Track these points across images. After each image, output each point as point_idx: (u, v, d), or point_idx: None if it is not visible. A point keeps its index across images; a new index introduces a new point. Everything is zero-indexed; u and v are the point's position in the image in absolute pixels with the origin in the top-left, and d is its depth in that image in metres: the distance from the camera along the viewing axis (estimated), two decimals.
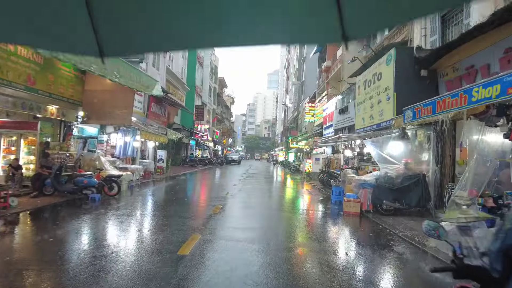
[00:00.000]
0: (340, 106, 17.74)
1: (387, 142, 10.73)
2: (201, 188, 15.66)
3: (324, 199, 13.09)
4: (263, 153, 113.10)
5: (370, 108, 12.53)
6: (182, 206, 10.00)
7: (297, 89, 47.85)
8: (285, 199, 12.88)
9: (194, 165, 32.15)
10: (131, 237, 6.08)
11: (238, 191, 13.78)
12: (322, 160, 22.28)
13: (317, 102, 28.18)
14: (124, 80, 10.01)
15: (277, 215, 9.16)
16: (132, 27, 1.36)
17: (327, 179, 16.58)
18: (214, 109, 51.44)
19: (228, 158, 50.97)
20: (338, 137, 11.11)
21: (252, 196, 12.56)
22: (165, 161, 21.75)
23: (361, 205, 9.94)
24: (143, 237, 6.07)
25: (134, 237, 6.06)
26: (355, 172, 13.75)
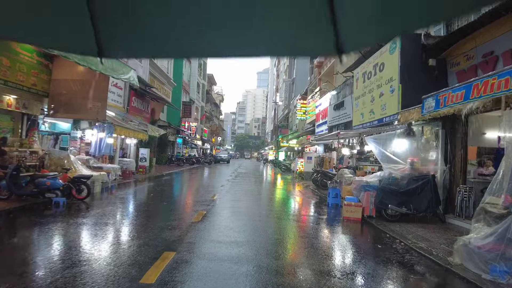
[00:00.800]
0: (335, 101, 16.67)
1: (390, 139, 9.67)
2: (185, 190, 14.37)
3: (319, 201, 11.98)
4: (253, 152, 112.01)
5: (370, 102, 11.46)
6: (160, 212, 8.73)
7: (288, 86, 46.77)
8: (277, 202, 11.71)
9: (181, 164, 30.74)
10: (85, 256, 4.80)
11: (226, 193, 12.56)
12: (314, 159, 21.22)
13: (309, 98, 27.12)
14: (94, 65, 8.68)
15: (269, 224, 7.98)
16: (134, 31, 1.38)
17: (321, 179, 15.50)
18: (202, 107, 49.97)
19: (217, 157, 49.63)
20: (337, 133, 10.00)
21: (240, 200, 11.36)
22: (148, 160, 20.36)
23: (363, 210, 8.84)
24: (101, 257, 4.80)
25: (89, 257, 4.79)
26: (352, 172, 12.71)
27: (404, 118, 8.62)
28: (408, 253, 5.87)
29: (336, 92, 17.00)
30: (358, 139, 11.25)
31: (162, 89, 28.06)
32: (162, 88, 28.20)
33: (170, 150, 34.91)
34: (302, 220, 8.56)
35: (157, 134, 17.72)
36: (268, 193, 14.37)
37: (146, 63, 21.09)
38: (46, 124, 14.04)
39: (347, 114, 14.20)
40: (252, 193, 13.30)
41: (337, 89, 16.86)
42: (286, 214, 9.23)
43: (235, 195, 12.18)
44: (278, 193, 14.33)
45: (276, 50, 1.46)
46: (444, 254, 5.67)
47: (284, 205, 10.84)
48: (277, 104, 61.19)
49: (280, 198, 12.37)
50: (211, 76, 60.31)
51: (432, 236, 7.07)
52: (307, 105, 27.38)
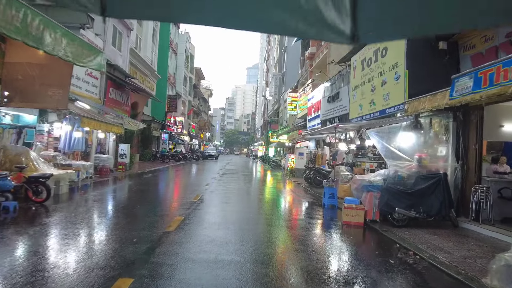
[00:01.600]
0: (329, 93, 15.54)
1: (395, 133, 8.57)
2: (165, 190, 13.06)
3: (313, 202, 10.85)
4: (242, 148, 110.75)
5: (370, 92, 10.34)
6: (129, 218, 7.44)
7: (278, 80, 45.58)
8: (267, 204, 10.53)
9: (166, 161, 29.30)
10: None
11: (210, 193, 11.32)
12: (306, 155, 20.12)
13: (300, 91, 25.97)
14: (55, 49, 7.27)
15: (258, 233, 6.79)
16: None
17: (314, 177, 14.41)
18: (189, 101, 48.39)
19: (205, 153, 48.22)
20: (335, 126, 8.82)
21: (226, 201, 10.15)
22: (128, 156, 18.92)
23: (366, 213, 7.74)
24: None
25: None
26: (349, 170, 11.62)
27: (412, 108, 7.50)
28: (428, 271, 4.76)
29: (330, 84, 15.86)
30: (358, 133, 10.12)
31: (145, 81, 26.56)
32: (146, 80, 26.68)
33: (155, 146, 33.39)
34: (296, 226, 7.40)
35: (135, 128, 16.30)
36: (257, 192, 13.18)
37: (126, 52, 19.57)
38: (8, 117, 12.53)
39: (343, 106, 13.09)
40: (240, 193, 12.10)
41: (331, 80, 15.73)
42: (277, 219, 8.05)
43: (221, 196, 10.95)
44: (268, 192, 13.16)
45: (288, 28, 1.35)
46: (475, 273, 4.58)
47: (275, 208, 9.66)
48: (267, 99, 59.95)
49: (270, 199, 11.19)
50: (199, 70, 58.62)
51: (450, 246, 5.98)
52: (298, 98, 26.23)
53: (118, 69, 17.75)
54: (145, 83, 26.54)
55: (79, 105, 12.80)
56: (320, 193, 12.57)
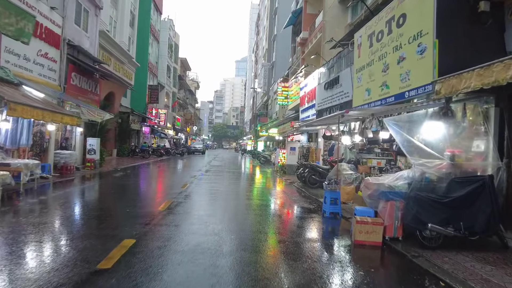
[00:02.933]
0: (326, 79, 13.54)
1: (419, 122, 6.62)
2: (133, 192, 10.91)
3: (310, 209, 8.88)
4: (231, 142, 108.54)
5: (381, 73, 8.36)
6: (60, 241, 5.32)
7: (267, 71, 43.43)
8: (254, 211, 8.49)
9: (146, 156, 27.01)
10: None
11: (185, 198, 9.24)
12: (299, 150, 18.17)
13: (291, 80, 23.92)
14: None
15: (242, 259, 4.77)
16: None
17: (310, 175, 12.45)
18: (174, 93, 45.87)
19: (191, 147, 45.94)
20: (345, 112, 6.78)
21: (202, 209, 8.09)
22: (98, 152, 16.63)
23: (384, 229, 5.80)
24: None
25: None
26: (353, 168, 9.69)
27: (448, 89, 5.54)
28: None
29: (326, 68, 13.85)
30: (364, 123, 8.08)
31: (121, 69, 24.10)
32: (122, 68, 24.22)
33: (135, 140, 31.00)
34: (292, 250, 5.38)
35: (99, 118, 13.96)
36: (242, 196, 11.14)
37: (94, 33, 17.14)
38: None
39: (345, 93, 11.13)
40: (222, 197, 10.04)
41: (328, 64, 13.71)
42: (267, 238, 6.03)
43: (198, 202, 8.88)
44: (255, 195, 11.12)
45: None
46: None
47: (264, 219, 7.60)
48: (256, 92, 57.77)
49: (257, 206, 9.14)
50: (185, 60, 55.95)
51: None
52: (289, 88, 24.20)
53: (83, 52, 15.38)
54: (121, 71, 24.09)
55: (25, 90, 10.47)
56: (317, 195, 10.64)
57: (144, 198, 9.37)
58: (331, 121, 9.32)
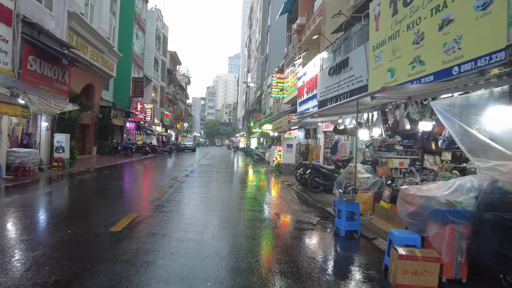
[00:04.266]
0: (330, 63, 11.53)
1: (480, 108, 4.63)
2: (91, 202, 8.79)
3: (317, 223, 6.88)
4: (224, 139, 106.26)
5: (412, 46, 6.38)
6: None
7: (260, 64, 41.32)
8: (244, 227, 6.43)
9: (129, 155, 24.75)
10: None
11: (155, 210, 7.18)
12: (296, 147, 16.19)
13: (287, 70, 21.86)
14: None
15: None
16: None
17: (312, 177, 10.47)
18: (162, 87, 43.49)
19: (181, 145, 43.64)
20: (380, 91, 4.77)
21: (175, 228, 6.03)
22: (67, 150, 14.45)
23: (441, 267, 3.82)
24: None
25: None
26: (370, 170, 7.70)
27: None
28: None
29: (330, 51, 11.83)
30: (399, 109, 5.98)
31: (100, 59, 21.86)
32: (101, 57, 21.96)
33: (118, 137, 28.71)
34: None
35: (56, 110, 11.71)
36: (231, 202, 9.07)
37: (62, 13, 14.84)
38: None
39: (356, 77, 9.15)
40: (205, 209, 7.96)
41: (332, 46, 11.68)
42: (262, 273, 4.01)
43: (171, 218, 6.81)
44: (247, 204, 9.04)
45: None
46: None
47: (258, 244, 5.57)
48: (249, 87, 55.64)
49: (250, 219, 7.07)
50: (174, 54, 53.51)
51: None
52: (285, 80, 22.15)
53: (45, 33, 13.10)
54: (100, 60, 21.83)
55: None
56: (323, 202, 8.65)
57: (101, 212, 7.26)
58: (343, 110, 7.31)
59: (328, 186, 10.32)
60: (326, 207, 8.18)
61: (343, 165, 10.66)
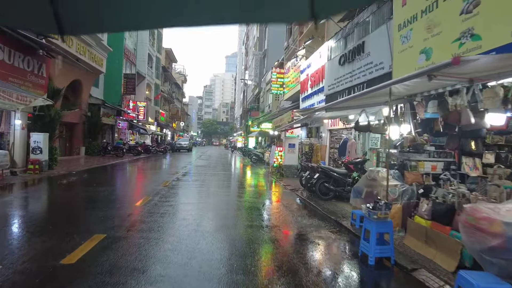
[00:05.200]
0: (340, 52, 10.12)
1: None
2: (63, 213, 7.34)
3: (331, 242, 5.49)
4: (221, 138, 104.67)
5: (458, 18, 4.96)
6: None
7: (258, 61, 39.86)
8: (242, 253, 4.99)
9: (120, 155, 23.25)
10: None
11: (129, 229, 5.75)
12: (300, 146, 14.80)
13: (289, 64, 20.43)
14: None
15: None
16: (92, 5, 1.28)
17: (321, 183, 9.08)
18: (157, 84, 41.97)
19: (176, 144, 42.14)
20: (452, 63, 3.51)
21: (162, 245, 4.69)
22: (45, 151, 12.99)
23: None
24: None
25: None
26: (398, 176, 6.30)
27: None
28: None
29: (340, 38, 10.40)
30: (455, 97, 4.47)
31: (88, 53, 20.39)
32: (89, 51, 20.49)
33: (109, 136, 27.21)
34: None
35: (18, 105, 10.13)
36: (227, 217, 7.61)
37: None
38: None
39: (375, 64, 7.74)
40: (195, 221, 6.53)
41: (342, 32, 10.23)
42: None
43: (156, 232, 5.40)
44: (246, 217, 7.61)
45: (246, 16, 1.29)
46: None
47: (259, 278, 4.15)
48: (246, 85, 54.19)
49: (249, 239, 5.61)
50: (170, 51, 51.89)
51: None
52: (285, 75, 20.73)
53: None
54: (87, 54, 20.34)
55: None
56: (336, 213, 7.25)
57: (60, 231, 5.81)
58: (365, 102, 5.87)
59: (339, 192, 8.93)
60: (341, 220, 6.78)
61: (356, 168, 9.28)
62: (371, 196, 6.34)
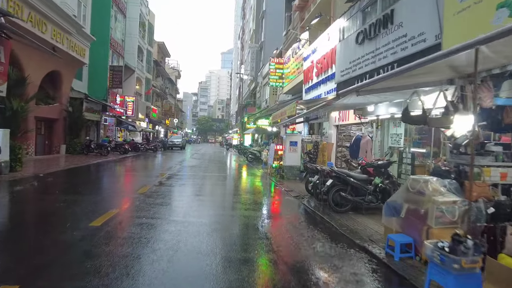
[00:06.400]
0: (357, 28, 8.26)
1: None
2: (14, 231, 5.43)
3: (368, 283, 3.63)
4: (217, 136, 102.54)
5: None
6: None
7: (255, 54, 37.92)
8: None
9: (104, 154, 21.26)
10: None
11: (57, 276, 3.88)
12: (303, 144, 12.98)
13: (288, 52, 18.52)
14: None
15: None
16: None
17: (336, 191, 7.24)
18: (148, 79, 39.89)
19: (168, 142, 40.17)
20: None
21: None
22: (6, 150, 11.07)
23: None
24: None
25: None
26: (455, 189, 4.42)
27: None
28: None
29: (356, 12, 8.52)
30: None
31: (67, 41, 18.40)
32: (68, 39, 18.49)
33: (94, 133, 25.20)
34: None
35: None
36: (215, 248, 5.76)
37: None
38: None
39: (413, 37, 5.87)
40: (167, 257, 4.68)
41: (359, 3, 8.32)
42: None
43: (105, 279, 3.54)
44: (238, 237, 5.76)
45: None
46: None
47: None
48: (242, 80, 52.17)
49: (241, 271, 3.80)
50: (162, 45, 49.70)
51: None
52: (285, 65, 18.82)
53: None
54: (66, 43, 18.31)
55: None
56: (358, 233, 5.40)
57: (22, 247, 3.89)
58: (418, 79, 4.00)
59: (358, 203, 7.11)
60: (369, 246, 4.95)
61: (378, 173, 7.46)
62: (415, 215, 4.51)
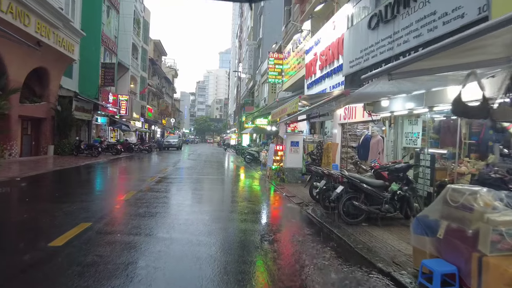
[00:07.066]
0: (369, 11, 7.27)
1: None
2: None
3: None
4: (215, 135, 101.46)
5: None
6: None
7: (253, 52, 36.91)
8: None
9: (95, 155, 20.22)
10: None
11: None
12: (304, 144, 11.99)
13: (288, 47, 17.51)
14: None
15: None
16: None
17: (348, 200, 6.22)
18: (143, 77, 38.82)
19: (164, 142, 39.13)
20: None
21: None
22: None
23: None
24: None
25: None
26: (509, 200, 3.26)
27: None
28: None
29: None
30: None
31: (53, 36, 17.40)
32: (55, 34, 17.47)
33: (85, 133, 24.14)
34: None
35: None
36: (201, 258, 4.74)
37: None
38: None
39: (446, 13, 4.78)
40: (146, 271, 3.67)
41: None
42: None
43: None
44: (233, 260, 4.77)
45: None
46: None
47: None
48: (240, 79, 51.17)
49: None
50: (158, 43, 48.62)
51: None
52: (285, 61, 17.81)
53: None
54: (52, 37, 17.26)
55: None
56: (378, 254, 4.30)
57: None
58: (466, 58, 3.04)
59: (374, 213, 6.11)
60: (394, 271, 3.93)
61: (394, 177, 6.47)
62: (459, 237, 3.49)
